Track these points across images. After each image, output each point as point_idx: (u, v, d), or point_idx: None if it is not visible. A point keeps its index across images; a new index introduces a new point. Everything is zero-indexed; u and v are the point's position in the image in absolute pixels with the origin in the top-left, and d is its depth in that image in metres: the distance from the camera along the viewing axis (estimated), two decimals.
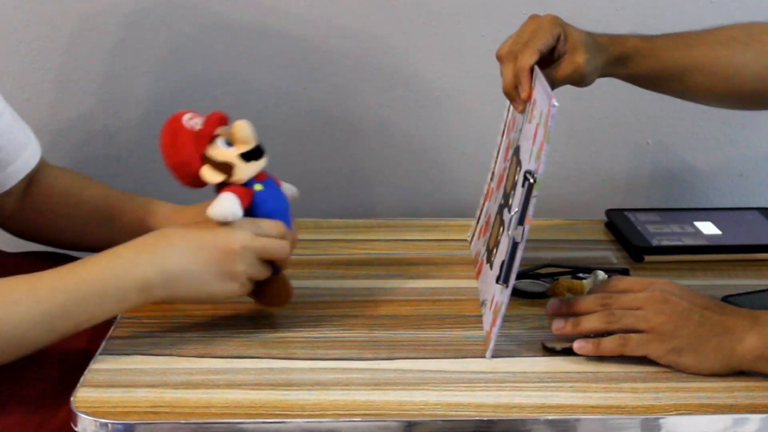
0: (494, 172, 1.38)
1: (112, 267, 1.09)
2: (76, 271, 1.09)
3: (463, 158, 1.69)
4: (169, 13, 1.61)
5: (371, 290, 1.30)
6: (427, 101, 1.67)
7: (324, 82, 1.66)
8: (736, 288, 1.27)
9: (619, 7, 1.64)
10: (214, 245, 1.11)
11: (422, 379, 1.08)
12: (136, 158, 1.66)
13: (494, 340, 1.11)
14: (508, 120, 1.34)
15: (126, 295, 1.09)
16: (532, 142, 1.13)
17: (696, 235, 1.45)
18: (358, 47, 1.64)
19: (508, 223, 1.14)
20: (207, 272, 1.11)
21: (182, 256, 1.10)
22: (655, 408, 1.03)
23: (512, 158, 1.24)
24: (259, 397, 1.04)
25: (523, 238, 1.08)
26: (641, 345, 1.08)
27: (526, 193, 1.09)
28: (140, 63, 1.64)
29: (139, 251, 1.10)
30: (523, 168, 1.15)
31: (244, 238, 1.11)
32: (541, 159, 1.08)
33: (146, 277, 1.09)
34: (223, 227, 1.12)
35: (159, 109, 1.66)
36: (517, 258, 1.09)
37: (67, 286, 1.07)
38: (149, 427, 1.00)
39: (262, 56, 1.64)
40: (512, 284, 1.10)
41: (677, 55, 1.30)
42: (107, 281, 1.08)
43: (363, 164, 1.70)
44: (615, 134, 1.69)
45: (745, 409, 1.03)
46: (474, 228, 1.42)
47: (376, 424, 1.01)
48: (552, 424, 1.01)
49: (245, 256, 1.12)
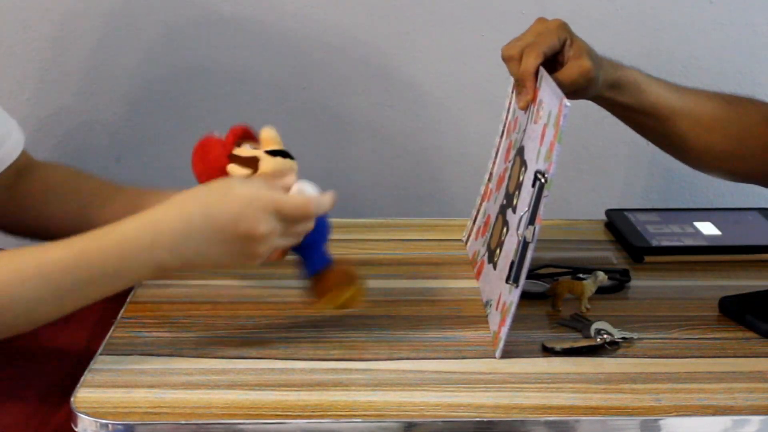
0: (492, 173, 1.38)
1: (127, 250, 1.05)
2: (87, 251, 1.05)
3: (462, 158, 1.69)
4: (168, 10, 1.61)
5: (371, 290, 1.29)
6: (426, 101, 1.67)
7: (324, 81, 1.66)
8: (736, 288, 1.27)
9: (619, 7, 1.64)
10: (235, 233, 1.05)
11: (422, 379, 1.08)
12: (136, 158, 1.66)
13: (504, 339, 1.11)
14: (508, 121, 1.34)
15: (139, 276, 1.08)
16: (540, 143, 1.12)
17: (696, 235, 1.45)
18: (357, 47, 1.64)
19: (517, 224, 1.14)
20: (226, 255, 1.07)
21: (201, 242, 1.05)
22: (655, 409, 1.03)
23: (515, 158, 1.24)
24: (259, 397, 1.04)
25: (534, 237, 1.09)
26: None
27: (537, 192, 1.09)
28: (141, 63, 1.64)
29: (156, 236, 1.05)
30: (530, 168, 1.15)
31: (267, 226, 1.05)
32: (552, 159, 1.08)
33: (162, 261, 1.05)
34: (245, 209, 1.06)
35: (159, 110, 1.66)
36: (527, 257, 1.09)
37: (78, 265, 1.04)
38: (149, 427, 0.99)
39: (261, 56, 1.64)
40: (522, 284, 1.10)
41: (671, 97, 1.32)
42: (121, 264, 1.05)
43: (362, 164, 1.70)
44: (614, 134, 1.69)
45: (745, 410, 1.03)
46: (470, 228, 1.42)
47: (376, 425, 1.01)
48: (552, 426, 1.01)
49: (267, 240, 1.06)
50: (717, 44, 1.67)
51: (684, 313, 1.24)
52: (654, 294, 1.31)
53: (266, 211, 1.06)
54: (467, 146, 1.69)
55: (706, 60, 1.67)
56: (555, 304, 1.24)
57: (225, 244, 1.06)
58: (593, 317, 1.20)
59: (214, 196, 1.07)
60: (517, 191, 1.18)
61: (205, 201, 1.07)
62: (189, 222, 1.05)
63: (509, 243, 1.17)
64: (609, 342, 1.15)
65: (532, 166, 1.15)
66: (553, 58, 1.23)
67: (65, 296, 1.05)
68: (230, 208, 1.06)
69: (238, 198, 1.06)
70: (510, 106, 1.33)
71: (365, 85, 1.66)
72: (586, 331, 1.17)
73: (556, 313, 1.23)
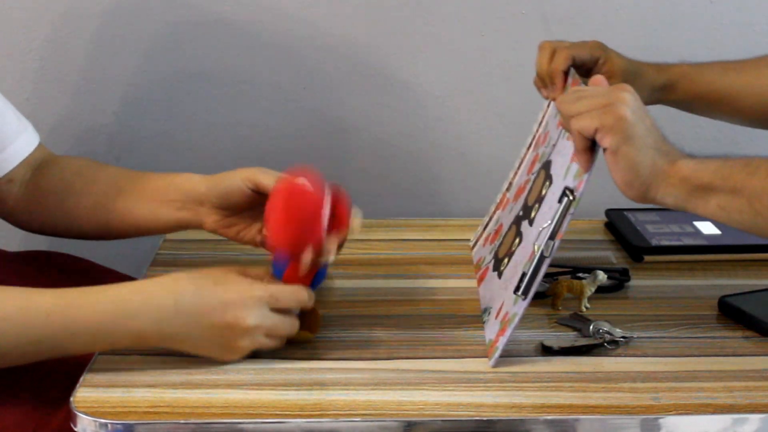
0: (512, 182, 1.37)
1: (111, 312, 1.05)
2: (75, 305, 1.05)
3: (462, 158, 1.69)
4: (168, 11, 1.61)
5: (370, 290, 1.30)
6: (426, 101, 1.67)
7: (324, 82, 1.66)
8: (735, 288, 1.27)
9: (619, 7, 1.64)
10: (222, 319, 1.06)
11: (421, 378, 1.08)
12: (136, 158, 1.66)
13: (501, 350, 1.10)
14: (538, 134, 1.34)
15: (118, 341, 1.07)
16: (571, 159, 1.12)
17: (695, 235, 1.45)
18: (357, 47, 1.64)
19: (536, 237, 1.13)
20: (207, 342, 1.07)
21: (186, 322, 1.06)
22: (655, 408, 1.03)
23: (539, 171, 1.24)
24: (258, 396, 1.04)
25: (552, 252, 1.09)
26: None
27: (564, 208, 1.09)
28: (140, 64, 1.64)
29: (143, 305, 1.06)
30: (555, 183, 1.15)
31: (255, 318, 1.07)
32: (583, 178, 1.07)
33: (143, 332, 1.06)
34: (236, 298, 1.06)
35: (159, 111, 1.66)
36: (541, 272, 1.09)
37: (65, 315, 1.04)
38: (149, 427, 0.99)
39: (261, 57, 1.64)
40: (531, 297, 1.10)
41: (727, 79, 1.32)
42: (104, 325, 1.05)
43: (362, 163, 1.70)
44: None
45: (745, 408, 1.03)
46: (479, 233, 1.42)
47: (375, 424, 1.00)
48: (551, 424, 1.01)
49: (252, 335, 1.08)
50: (717, 44, 1.67)
51: (683, 312, 1.24)
52: (653, 293, 1.31)
53: (258, 304, 1.07)
54: (467, 146, 1.69)
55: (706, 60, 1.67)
56: (554, 304, 1.24)
57: (209, 330, 1.06)
58: (592, 316, 1.20)
59: (209, 280, 1.08)
60: (537, 204, 1.18)
61: (200, 283, 1.08)
62: (178, 300, 1.06)
63: (520, 254, 1.17)
64: (608, 341, 1.15)
65: (558, 181, 1.15)
66: (586, 73, 1.26)
67: (42, 343, 1.04)
68: (222, 295, 1.07)
69: (232, 287, 1.07)
70: (543, 120, 1.33)
71: (365, 86, 1.66)
72: (586, 330, 1.17)
73: (556, 313, 1.23)
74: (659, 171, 1.05)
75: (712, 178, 1.03)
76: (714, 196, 1.03)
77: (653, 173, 1.05)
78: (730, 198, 1.03)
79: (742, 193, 1.02)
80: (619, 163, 1.05)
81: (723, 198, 1.03)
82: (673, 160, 1.05)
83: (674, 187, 1.05)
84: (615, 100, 1.05)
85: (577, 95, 1.09)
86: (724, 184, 1.03)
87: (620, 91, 1.07)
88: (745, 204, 1.02)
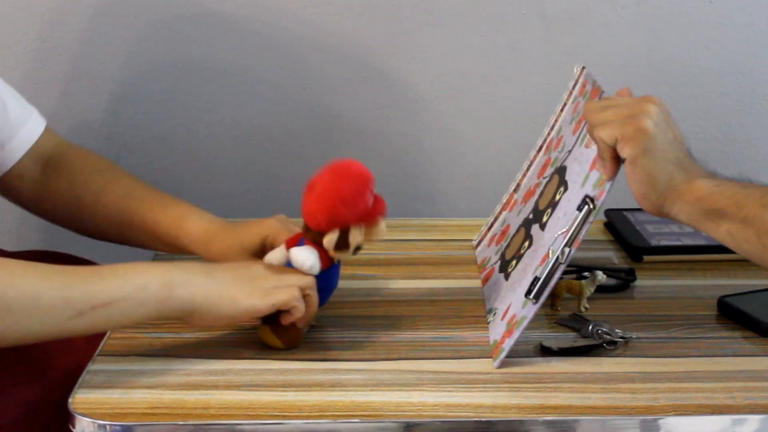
0: (521, 184, 1.37)
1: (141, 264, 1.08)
2: (102, 268, 1.07)
3: (462, 158, 1.69)
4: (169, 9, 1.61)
5: (370, 290, 1.30)
6: (426, 101, 1.67)
7: (324, 81, 1.66)
8: (735, 288, 1.27)
9: (619, 7, 1.64)
10: (247, 264, 1.14)
11: (421, 379, 1.08)
12: (135, 158, 1.66)
13: (507, 351, 1.10)
14: (550, 138, 1.34)
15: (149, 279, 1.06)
16: (590, 168, 1.12)
17: (695, 235, 1.45)
18: (357, 47, 1.64)
19: (551, 242, 1.13)
20: (235, 279, 1.10)
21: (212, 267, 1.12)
22: (654, 408, 1.02)
23: (552, 176, 1.24)
24: (257, 397, 1.04)
25: (567, 259, 1.09)
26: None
27: (584, 216, 1.09)
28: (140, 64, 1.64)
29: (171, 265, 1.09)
30: (571, 189, 1.15)
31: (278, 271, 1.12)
32: (605, 187, 1.08)
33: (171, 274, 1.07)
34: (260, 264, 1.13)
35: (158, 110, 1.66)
36: (555, 277, 1.09)
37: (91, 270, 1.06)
38: (147, 428, 0.99)
39: (261, 56, 1.64)
40: (542, 302, 1.10)
41: None
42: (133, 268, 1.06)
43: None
44: None
45: (744, 409, 1.02)
46: (483, 233, 1.42)
47: (374, 425, 1.00)
48: (551, 425, 1.01)
49: (277, 278, 1.11)
50: (717, 44, 1.66)
51: (683, 312, 1.24)
52: (653, 293, 1.31)
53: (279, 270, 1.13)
54: (467, 146, 1.69)
55: (706, 60, 1.67)
56: (553, 304, 1.24)
57: (236, 270, 1.11)
58: (592, 317, 1.20)
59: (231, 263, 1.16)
60: (550, 209, 1.18)
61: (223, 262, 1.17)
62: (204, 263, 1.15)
63: (530, 258, 1.16)
64: (607, 341, 1.15)
65: (575, 188, 1.15)
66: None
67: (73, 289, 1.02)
68: (245, 263, 1.15)
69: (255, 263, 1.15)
70: (555, 124, 1.33)
71: (365, 86, 1.66)
72: (585, 330, 1.17)
73: (555, 313, 1.23)
74: (676, 187, 1.05)
75: (726, 204, 1.04)
76: (725, 221, 1.04)
77: (669, 188, 1.06)
78: (740, 227, 1.03)
79: (752, 224, 1.02)
80: (637, 174, 1.05)
81: (733, 226, 1.03)
82: (691, 178, 1.06)
83: (689, 205, 1.05)
84: (639, 111, 1.06)
85: (604, 104, 1.10)
86: (737, 213, 1.03)
87: (646, 102, 1.07)
88: (753, 235, 1.02)
